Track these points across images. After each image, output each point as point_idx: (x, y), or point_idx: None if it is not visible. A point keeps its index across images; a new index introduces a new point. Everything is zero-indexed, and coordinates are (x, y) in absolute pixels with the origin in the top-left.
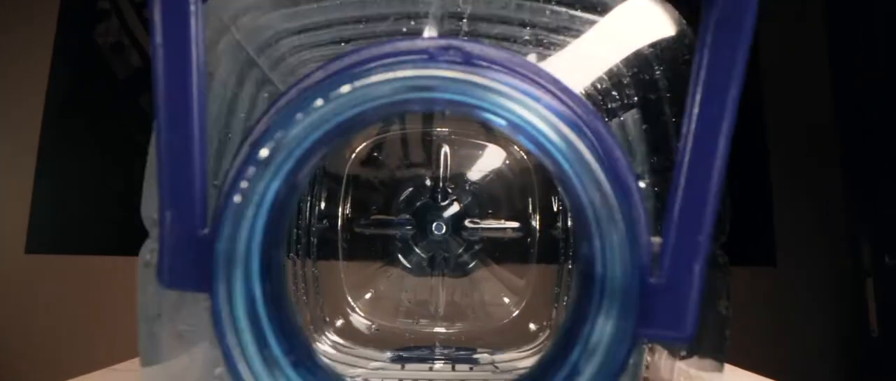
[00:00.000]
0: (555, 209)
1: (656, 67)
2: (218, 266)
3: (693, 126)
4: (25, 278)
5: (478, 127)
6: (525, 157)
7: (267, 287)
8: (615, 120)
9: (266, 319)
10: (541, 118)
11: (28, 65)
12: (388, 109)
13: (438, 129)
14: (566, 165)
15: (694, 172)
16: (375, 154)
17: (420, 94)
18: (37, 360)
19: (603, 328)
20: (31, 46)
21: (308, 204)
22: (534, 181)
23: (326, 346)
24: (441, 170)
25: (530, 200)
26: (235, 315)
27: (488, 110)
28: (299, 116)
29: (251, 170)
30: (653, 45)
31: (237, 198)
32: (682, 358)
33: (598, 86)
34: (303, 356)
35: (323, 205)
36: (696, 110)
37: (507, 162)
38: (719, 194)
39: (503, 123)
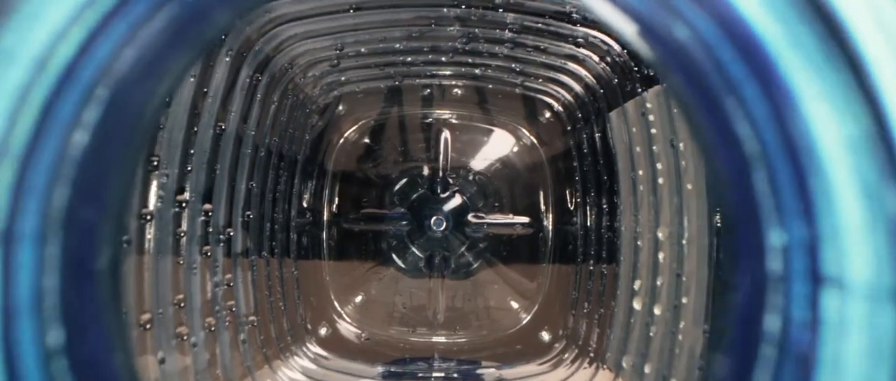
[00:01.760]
0: (570, 204)
1: None
2: None
3: None
4: None
5: (482, 110)
6: (537, 144)
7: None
8: None
9: None
10: None
11: None
12: None
13: (438, 111)
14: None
15: None
16: (366, 140)
17: None
18: None
19: None
20: None
21: (285, 194)
22: (546, 171)
23: (306, 360)
24: (441, 158)
25: (542, 192)
26: None
27: None
28: None
29: None
30: None
31: None
32: None
33: None
34: None
35: (305, 197)
36: None
37: (516, 149)
38: None
39: None
